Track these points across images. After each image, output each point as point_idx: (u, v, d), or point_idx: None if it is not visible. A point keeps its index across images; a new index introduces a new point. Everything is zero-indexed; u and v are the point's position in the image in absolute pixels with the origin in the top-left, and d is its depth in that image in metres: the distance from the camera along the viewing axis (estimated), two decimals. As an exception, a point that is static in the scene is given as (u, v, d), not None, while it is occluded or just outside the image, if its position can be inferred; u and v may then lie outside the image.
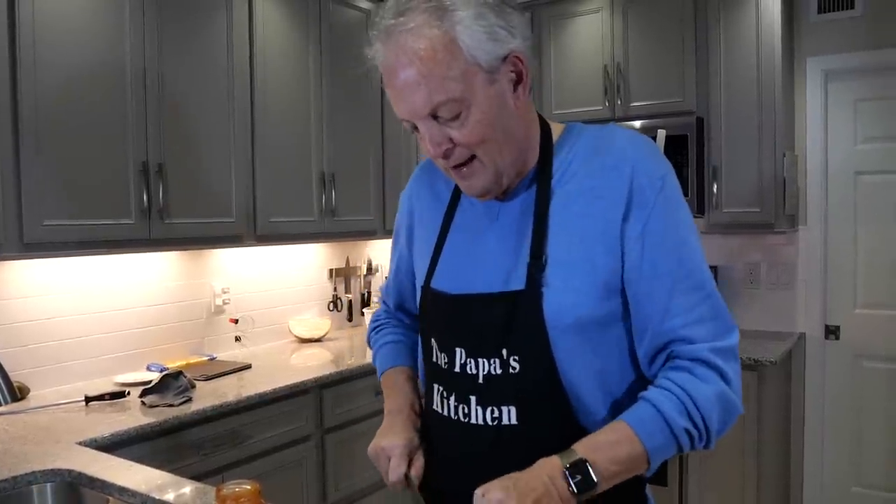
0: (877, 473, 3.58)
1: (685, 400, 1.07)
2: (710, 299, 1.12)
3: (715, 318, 1.12)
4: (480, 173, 1.15)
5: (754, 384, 3.10)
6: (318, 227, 3.51)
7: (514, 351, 1.13)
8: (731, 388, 1.10)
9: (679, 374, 1.09)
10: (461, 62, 1.05)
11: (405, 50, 1.06)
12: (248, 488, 1.25)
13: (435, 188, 1.35)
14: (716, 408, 1.08)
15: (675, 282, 1.10)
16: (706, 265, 1.14)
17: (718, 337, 1.11)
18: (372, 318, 1.56)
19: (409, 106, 1.09)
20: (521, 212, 1.19)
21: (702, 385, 1.08)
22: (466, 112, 1.08)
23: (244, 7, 3.12)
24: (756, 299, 3.80)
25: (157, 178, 2.75)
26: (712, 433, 1.09)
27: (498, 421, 1.15)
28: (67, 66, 2.48)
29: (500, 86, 1.10)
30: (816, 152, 3.67)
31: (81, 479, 1.82)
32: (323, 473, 3.02)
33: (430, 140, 1.12)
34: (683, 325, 1.10)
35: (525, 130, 1.17)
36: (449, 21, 1.04)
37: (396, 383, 1.37)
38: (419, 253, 1.34)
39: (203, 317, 3.39)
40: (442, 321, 1.24)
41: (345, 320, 4.17)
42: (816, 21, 3.63)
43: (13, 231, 2.35)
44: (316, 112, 3.49)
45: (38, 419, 2.39)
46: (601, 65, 3.77)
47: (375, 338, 1.50)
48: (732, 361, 1.12)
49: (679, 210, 1.14)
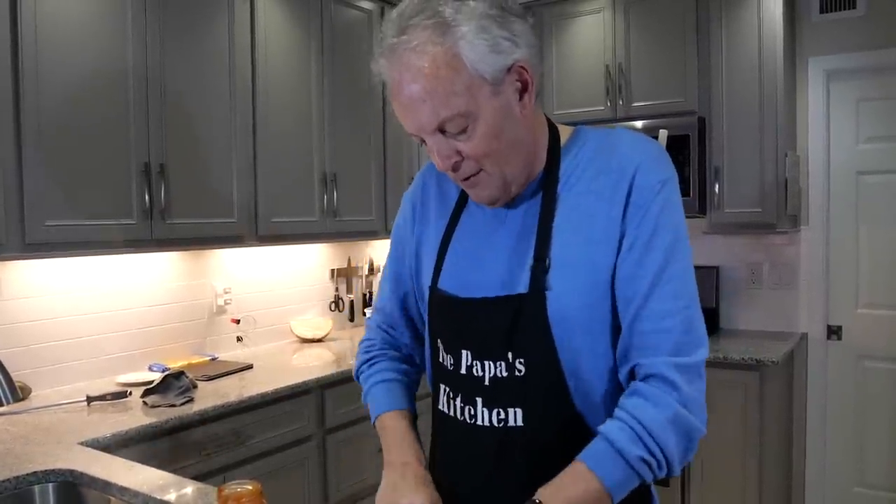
0: (879, 474, 3.58)
1: (636, 428, 1.04)
2: (686, 311, 1.10)
3: (685, 332, 1.09)
4: (489, 183, 1.15)
5: (756, 384, 3.10)
6: (320, 228, 3.51)
7: (520, 353, 1.13)
8: (689, 408, 1.06)
9: (632, 401, 1.07)
10: (465, 77, 1.05)
11: (409, 67, 1.05)
12: (249, 488, 1.25)
13: (441, 189, 1.35)
14: (671, 432, 1.05)
15: (652, 286, 1.09)
16: (691, 277, 1.13)
17: (683, 352, 1.08)
18: (361, 348, 1.47)
19: (415, 122, 1.10)
20: (528, 215, 1.19)
21: (654, 410, 1.05)
22: (473, 125, 1.08)
23: (246, 8, 3.12)
24: (758, 299, 3.80)
25: (159, 179, 2.75)
26: (672, 459, 1.05)
27: (504, 423, 1.15)
28: (69, 66, 2.48)
29: (505, 97, 1.09)
30: (818, 152, 3.66)
31: (83, 480, 1.82)
32: (324, 474, 3.02)
33: (438, 154, 1.12)
34: (651, 330, 1.09)
35: (532, 137, 1.18)
36: (451, 37, 1.04)
37: (398, 432, 1.29)
38: (424, 254, 1.34)
39: (205, 317, 3.39)
40: (448, 323, 1.24)
41: (346, 320, 4.17)
42: (818, 21, 3.63)
43: (15, 231, 2.35)
44: (317, 112, 3.49)
45: (39, 419, 2.39)
46: (603, 65, 3.77)
47: (368, 373, 1.42)
48: (695, 379, 1.08)
49: (673, 216, 1.13)
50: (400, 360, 1.43)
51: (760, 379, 3.10)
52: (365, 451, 3.19)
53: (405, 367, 1.42)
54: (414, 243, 1.36)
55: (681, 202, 1.16)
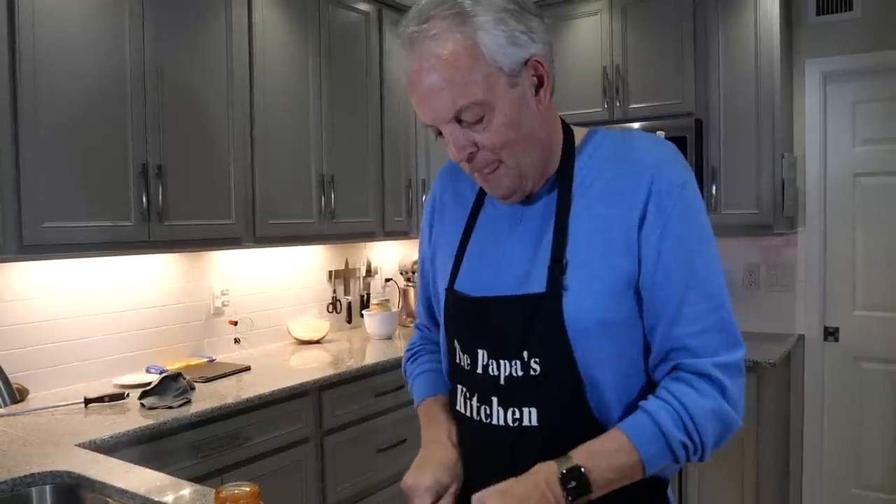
0: (876, 475, 3.59)
1: (682, 413, 1.08)
2: (720, 310, 1.13)
3: (722, 331, 1.12)
4: (505, 176, 1.17)
5: (753, 386, 3.11)
6: (318, 229, 3.51)
7: (535, 353, 1.14)
8: (731, 404, 1.11)
9: (679, 387, 1.10)
10: (483, 66, 1.08)
11: (428, 56, 1.08)
12: (247, 490, 1.25)
13: (458, 189, 1.37)
14: (712, 423, 1.09)
15: (685, 290, 1.11)
16: (721, 276, 1.15)
17: (724, 351, 1.11)
18: (408, 346, 1.55)
19: (433, 111, 1.12)
20: (544, 215, 1.20)
21: (700, 399, 1.09)
22: (490, 115, 1.10)
23: (244, 9, 3.12)
24: (755, 301, 3.81)
25: (157, 180, 2.75)
26: (707, 447, 1.10)
27: (519, 422, 1.16)
28: (67, 67, 2.48)
29: (521, 89, 1.12)
30: (815, 154, 3.67)
31: (81, 481, 1.82)
32: (322, 475, 3.02)
33: (454, 144, 1.14)
34: (689, 334, 1.11)
35: (548, 133, 1.19)
36: (471, 26, 1.07)
37: (432, 412, 1.35)
38: (441, 255, 1.36)
39: (202, 319, 3.39)
40: (464, 323, 1.26)
41: (344, 322, 4.17)
42: (815, 23, 3.63)
43: (12, 233, 2.35)
44: (315, 114, 3.49)
45: (37, 421, 2.39)
46: (600, 67, 3.78)
47: (412, 367, 1.49)
48: (736, 377, 1.12)
49: (697, 217, 1.15)
50: (438, 352, 1.47)
51: (757, 380, 3.11)
52: (363, 453, 3.19)
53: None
54: (431, 247, 1.41)
55: (702, 202, 1.18)
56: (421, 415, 1.38)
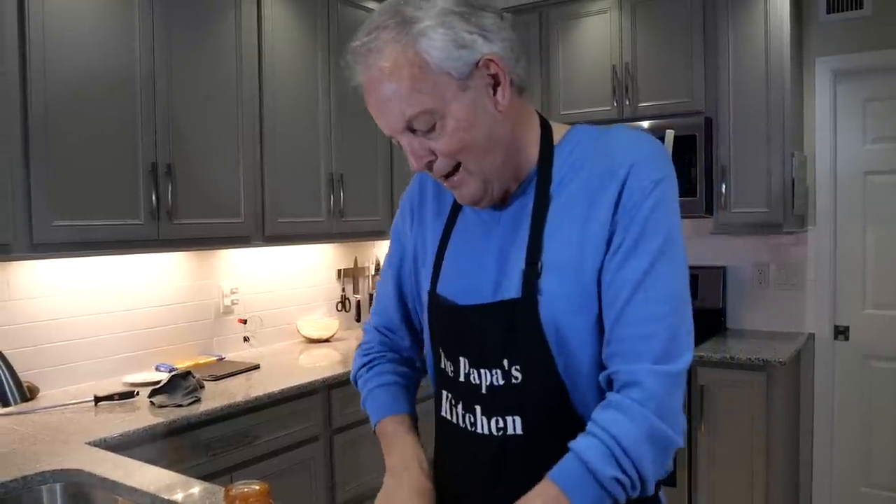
0: (886, 474, 3.57)
1: (612, 446, 1.00)
2: (672, 317, 1.05)
3: (668, 339, 1.04)
4: (468, 181, 1.13)
5: (763, 385, 3.09)
6: (327, 228, 3.52)
7: (515, 361, 1.11)
8: (665, 419, 1.02)
9: (606, 415, 1.03)
10: (428, 73, 1.04)
11: (374, 68, 1.06)
12: (256, 488, 1.25)
13: (439, 190, 1.32)
14: (647, 448, 1.01)
15: (636, 289, 1.05)
16: (680, 280, 1.08)
17: (664, 359, 1.03)
18: (358, 352, 1.42)
19: (385, 122, 1.10)
20: (521, 217, 1.16)
21: (630, 425, 1.01)
22: (441, 122, 1.07)
23: (253, 8, 3.12)
24: (765, 300, 3.79)
25: (166, 179, 2.76)
26: (646, 478, 1.01)
27: (503, 431, 1.13)
28: (77, 67, 2.49)
29: (474, 91, 1.07)
30: (825, 152, 3.65)
31: (91, 480, 1.83)
32: (331, 474, 3.02)
33: (411, 154, 1.12)
34: (631, 336, 1.05)
35: (512, 133, 1.14)
36: (413, 34, 1.04)
37: (397, 435, 1.26)
38: (422, 257, 1.31)
39: (211, 317, 3.40)
40: (446, 330, 1.22)
41: (353, 320, 4.18)
42: (825, 21, 3.61)
43: (23, 231, 2.36)
44: (324, 112, 3.49)
45: (47, 419, 2.40)
46: (609, 65, 3.77)
47: (366, 377, 1.37)
48: (673, 389, 1.04)
49: (665, 217, 1.08)
50: (399, 362, 1.39)
51: (767, 379, 3.10)
52: (372, 452, 3.19)
53: (404, 370, 1.38)
54: (412, 245, 1.34)
55: (676, 202, 1.11)
56: (382, 437, 1.28)
